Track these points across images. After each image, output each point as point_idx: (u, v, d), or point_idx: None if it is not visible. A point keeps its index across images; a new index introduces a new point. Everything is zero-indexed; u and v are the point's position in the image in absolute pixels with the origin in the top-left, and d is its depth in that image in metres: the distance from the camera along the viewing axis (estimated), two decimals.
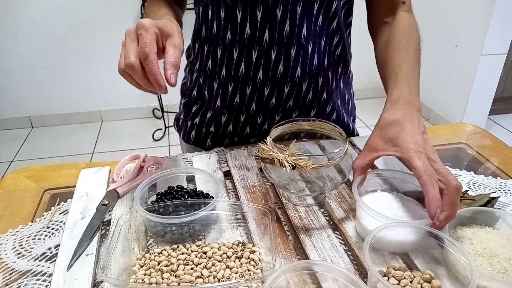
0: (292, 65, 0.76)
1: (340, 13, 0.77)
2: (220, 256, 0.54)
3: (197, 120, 0.87)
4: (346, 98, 0.91)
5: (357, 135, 0.95)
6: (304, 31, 0.74)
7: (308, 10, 0.73)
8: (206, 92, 0.84)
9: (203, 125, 0.87)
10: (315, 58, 0.78)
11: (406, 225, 0.53)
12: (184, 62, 0.89)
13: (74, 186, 0.70)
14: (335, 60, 0.83)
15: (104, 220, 0.63)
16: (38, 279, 0.53)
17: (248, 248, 0.55)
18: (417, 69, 0.70)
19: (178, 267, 0.52)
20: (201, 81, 0.84)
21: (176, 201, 0.62)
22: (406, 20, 0.76)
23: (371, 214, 0.54)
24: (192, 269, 0.52)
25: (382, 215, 0.54)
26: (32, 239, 0.60)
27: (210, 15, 0.75)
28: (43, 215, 0.65)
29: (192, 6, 0.85)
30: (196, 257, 0.54)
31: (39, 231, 0.61)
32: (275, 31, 0.73)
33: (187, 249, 0.55)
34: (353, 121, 0.95)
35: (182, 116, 0.91)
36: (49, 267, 0.55)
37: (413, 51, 0.71)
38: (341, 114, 0.89)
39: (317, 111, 0.84)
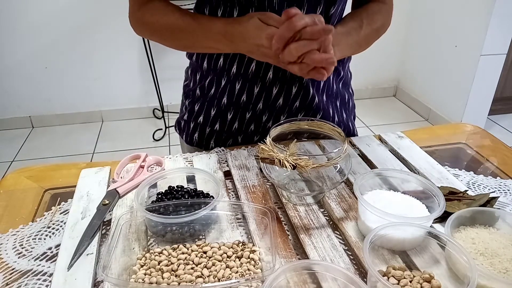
0: None
1: (338, 15, 0.78)
2: (220, 255, 0.54)
3: (200, 119, 0.87)
4: (347, 97, 0.91)
5: (357, 134, 0.95)
6: None
7: (312, 13, 0.73)
8: (213, 89, 0.84)
9: (207, 125, 0.87)
10: None
11: (407, 224, 0.54)
12: (185, 63, 0.90)
13: (75, 186, 0.70)
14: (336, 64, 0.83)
15: (105, 220, 0.63)
16: (39, 279, 0.53)
17: (248, 247, 0.55)
18: (355, 42, 0.78)
19: (178, 266, 0.52)
20: (209, 78, 0.84)
21: (177, 201, 0.62)
22: (376, 6, 0.81)
23: (374, 212, 0.54)
24: (192, 268, 0.52)
25: (385, 212, 0.54)
26: (33, 239, 0.60)
27: (220, 15, 0.76)
28: (44, 215, 0.65)
29: (190, 3, 0.85)
30: (196, 256, 0.54)
31: (40, 231, 0.62)
32: None
33: (188, 249, 0.55)
34: (353, 119, 0.96)
35: (184, 117, 0.91)
36: (49, 267, 0.55)
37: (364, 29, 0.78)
38: (343, 115, 0.90)
39: (322, 114, 0.85)
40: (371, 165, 0.76)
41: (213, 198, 0.63)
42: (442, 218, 0.58)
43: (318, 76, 0.66)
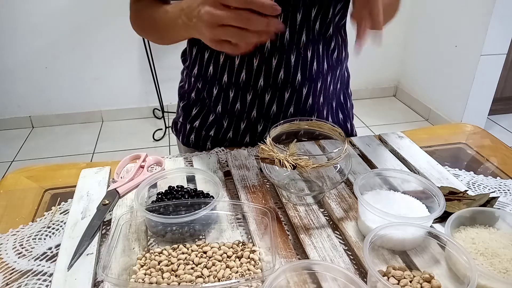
0: (292, 71, 0.77)
1: (335, 17, 0.78)
2: (220, 255, 0.54)
3: (197, 123, 0.87)
4: (344, 98, 0.91)
5: (356, 134, 0.95)
6: (304, 37, 0.75)
7: (307, 17, 0.74)
8: (207, 97, 0.84)
9: (203, 128, 0.87)
10: (315, 63, 0.79)
11: (407, 224, 0.54)
12: (180, 65, 0.90)
13: (75, 186, 0.70)
14: (334, 64, 0.83)
15: (105, 220, 0.63)
16: (39, 279, 0.53)
17: (248, 247, 0.55)
18: None
19: (178, 266, 0.52)
20: (200, 86, 0.84)
21: (176, 201, 0.62)
22: None
23: (374, 212, 0.55)
24: (192, 268, 0.52)
25: (385, 212, 0.54)
26: (33, 239, 0.60)
27: None
28: (44, 215, 0.65)
29: None
30: (196, 256, 0.54)
31: (40, 230, 0.62)
32: (277, 38, 0.74)
33: (188, 249, 0.55)
34: (352, 120, 0.95)
35: (181, 119, 0.90)
36: (49, 267, 0.55)
37: None
38: (339, 115, 0.90)
39: (317, 116, 0.84)
40: (371, 165, 0.76)
41: (213, 198, 0.63)
42: (442, 218, 0.58)
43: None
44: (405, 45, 3.14)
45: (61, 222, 0.63)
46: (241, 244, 0.56)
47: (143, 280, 0.51)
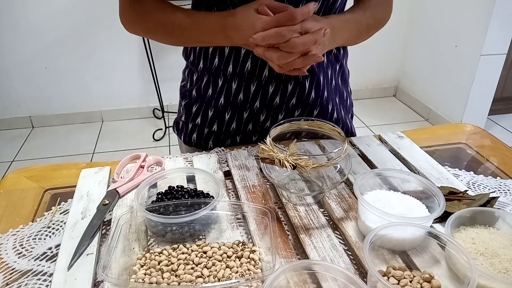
0: None
1: (336, 11, 0.79)
2: (220, 255, 0.54)
3: (198, 120, 0.87)
4: (345, 95, 0.92)
5: (355, 133, 0.96)
6: None
7: None
8: (210, 90, 0.84)
9: (205, 125, 0.87)
10: None
11: (407, 224, 0.54)
12: (182, 64, 0.90)
13: (75, 186, 0.70)
14: (332, 59, 0.85)
15: (105, 220, 0.63)
16: (39, 279, 0.53)
17: (248, 247, 0.55)
18: (354, 31, 0.79)
19: (178, 266, 0.52)
20: (204, 80, 0.84)
21: (177, 201, 0.62)
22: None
23: (374, 212, 0.55)
24: (192, 268, 0.52)
25: (385, 212, 0.54)
26: (33, 239, 0.60)
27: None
28: (44, 215, 0.65)
29: (188, 3, 0.85)
30: (196, 256, 0.54)
31: (40, 230, 0.62)
32: None
33: (188, 249, 0.55)
34: (351, 118, 0.96)
35: (182, 118, 0.91)
36: (49, 267, 0.55)
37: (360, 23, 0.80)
38: (340, 112, 0.90)
39: (319, 110, 0.85)
40: (371, 165, 0.76)
41: (213, 198, 0.63)
42: (442, 218, 0.58)
43: (296, 71, 0.67)
44: (405, 45, 3.14)
45: (61, 222, 0.63)
46: (241, 244, 0.56)
47: (143, 280, 0.51)
